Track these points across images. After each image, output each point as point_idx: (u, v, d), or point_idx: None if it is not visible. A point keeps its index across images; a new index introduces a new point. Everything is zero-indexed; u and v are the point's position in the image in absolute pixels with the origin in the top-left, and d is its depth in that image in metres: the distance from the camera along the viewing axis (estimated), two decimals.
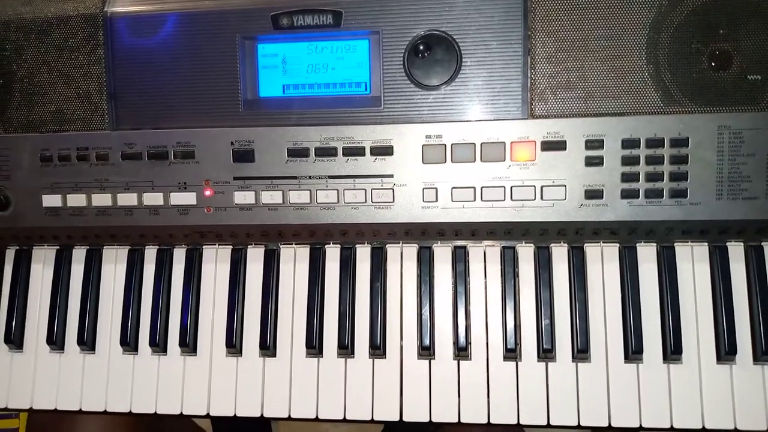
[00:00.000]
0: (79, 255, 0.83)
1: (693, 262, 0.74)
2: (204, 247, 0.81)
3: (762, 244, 0.73)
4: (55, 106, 0.77)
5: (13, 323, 0.82)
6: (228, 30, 0.74)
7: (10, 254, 0.85)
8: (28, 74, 0.77)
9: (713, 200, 0.69)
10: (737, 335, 0.71)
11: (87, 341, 0.80)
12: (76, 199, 0.78)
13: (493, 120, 0.72)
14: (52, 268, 0.83)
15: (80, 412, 0.80)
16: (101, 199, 0.78)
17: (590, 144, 0.70)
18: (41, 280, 0.84)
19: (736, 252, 0.73)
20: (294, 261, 0.79)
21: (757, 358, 0.71)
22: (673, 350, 0.71)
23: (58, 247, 0.84)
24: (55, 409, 0.81)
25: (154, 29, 0.75)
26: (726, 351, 0.71)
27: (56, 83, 0.77)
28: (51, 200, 0.78)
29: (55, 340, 0.81)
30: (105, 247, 0.83)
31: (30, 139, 0.78)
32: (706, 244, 0.74)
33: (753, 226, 0.70)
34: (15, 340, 0.82)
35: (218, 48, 0.75)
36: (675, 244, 0.74)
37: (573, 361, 0.73)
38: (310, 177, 0.74)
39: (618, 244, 0.75)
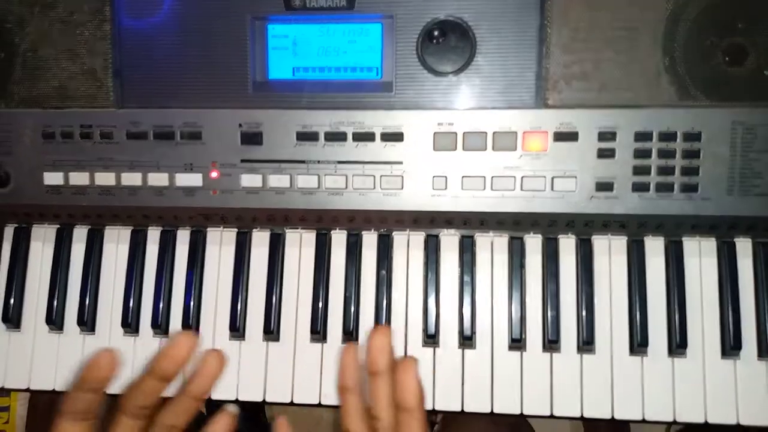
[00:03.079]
0: (80, 234, 0.82)
1: (700, 257, 0.74)
2: (208, 229, 0.80)
3: None
4: (59, 81, 0.76)
5: (12, 302, 0.81)
6: (238, 9, 0.73)
7: (9, 232, 0.83)
8: (32, 48, 0.75)
9: (724, 195, 0.69)
10: (743, 331, 0.71)
11: (87, 322, 0.79)
12: (79, 178, 0.77)
13: (506, 109, 0.71)
14: (52, 247, 0.82)
15: None
16: (104, 178, 0.76)
17: (603, 136, 0.70)
18: (41, 258, 0.82)
19: (744, 248, 0.73)
20: (300, 246, 0.79)
21: (761, 354, 0.71)
22: (678, 344, 0.71)
23: (58, 226, 0.82)
24: (53, 390, 0.80)
25: (162, 6, 0.74)
26: (731, 346, 0.71)
27: (60, 58, 0.75)
28: (52, 178, 0.77)
29: (55, 320, 0.80)
30: (107, 226, 0.82)
31: (32, 115, 0.76)
32: (714, 239, 0.74)
33: (763, 223, 0.70)
34: (13, 319, 0.81)
35: (228, 27, 0.73)
36: (683, 238, 0.74)
37: (578, 353, 0.73)
38: (318, 161, 0.73)
39: (626, 237, 0.75)
